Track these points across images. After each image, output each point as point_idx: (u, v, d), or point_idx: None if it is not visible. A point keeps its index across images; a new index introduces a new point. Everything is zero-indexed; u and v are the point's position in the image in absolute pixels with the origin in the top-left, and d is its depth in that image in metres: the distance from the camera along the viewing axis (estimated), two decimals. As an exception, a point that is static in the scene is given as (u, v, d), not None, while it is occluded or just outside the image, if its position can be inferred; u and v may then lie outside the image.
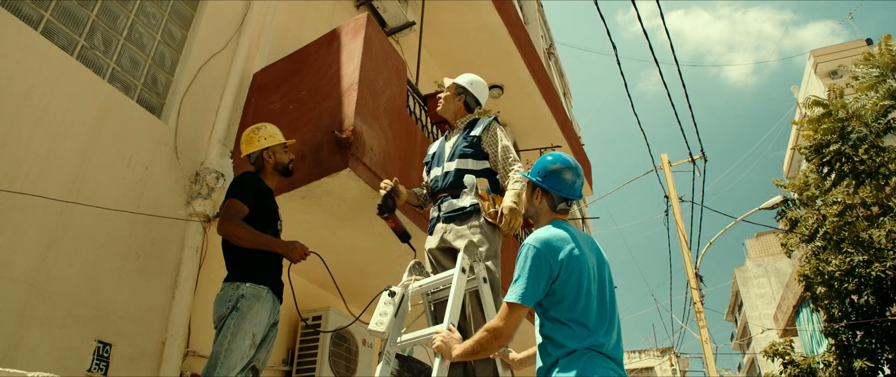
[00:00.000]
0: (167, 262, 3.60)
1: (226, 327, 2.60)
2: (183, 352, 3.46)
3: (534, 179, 2.19)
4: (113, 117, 3.45)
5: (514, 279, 1.98)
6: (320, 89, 3.75)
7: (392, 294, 2.47)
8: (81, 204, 3.13)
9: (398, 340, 2.40)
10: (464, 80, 3.29)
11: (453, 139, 3.18)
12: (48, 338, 2.86)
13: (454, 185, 2.98)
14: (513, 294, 1.93)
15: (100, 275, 3.16)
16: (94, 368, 2.97)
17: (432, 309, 2.73)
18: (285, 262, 2.85)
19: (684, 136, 14.87)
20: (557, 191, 2.16)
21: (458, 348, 2.03)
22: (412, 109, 4.43)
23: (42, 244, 2.94)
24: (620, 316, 2.12)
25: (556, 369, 1.87)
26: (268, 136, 3.06)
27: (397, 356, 2.45)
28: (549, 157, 2.23)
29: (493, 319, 1.97)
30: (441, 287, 2.60)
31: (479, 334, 1.97)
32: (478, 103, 3.30)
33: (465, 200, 2.87)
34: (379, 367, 2.34)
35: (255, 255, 2.76)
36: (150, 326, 3.39)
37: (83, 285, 3.06)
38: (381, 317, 2.43)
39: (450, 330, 2.15)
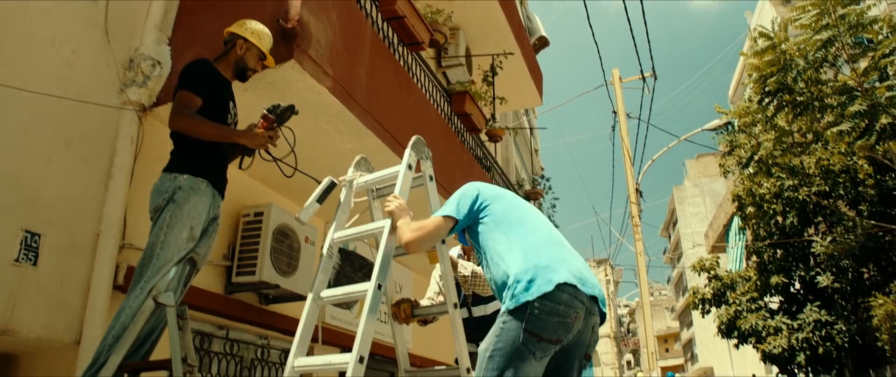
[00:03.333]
0: (100, 152, 3.42)
1: (162, 219, 2.52)
2: (118, 245, 3.36)
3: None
4: (32, -9, 3.15)
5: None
6: (266, -26, 3.51)
7: (332, 185, 2.45)
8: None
9: (341, 235, 2.38)
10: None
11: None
12: (-33, 225, 2.71)
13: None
14: (442, 210, 2.16)
15: (24, 162, 2.99)
16: (22, 258, 2.86)
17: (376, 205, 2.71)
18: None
19: (637, 52, 14.91)
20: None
21: (405, 222, 2.17)
22: (362, 3, 4.23)
23: (-44, 124, 2.73)
24: (562, 228, 2.28)
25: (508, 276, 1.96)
26: (255, 32, 2.93)
27: (340, 250, 2.44)
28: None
29: (426, 222, 2.15)
30: (386, 184, 2.57)
31: (415, 225, 2.14)
32: None
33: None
34: (321, 262, 2.33)
35: (195, 147, 2.65)
36: (83, 217, 3.26)
37: (5, 172, 2.89)
38: (309, 205, 2.46)
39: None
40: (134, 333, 2.38)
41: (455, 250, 3.35)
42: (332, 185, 2.54)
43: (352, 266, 2.61)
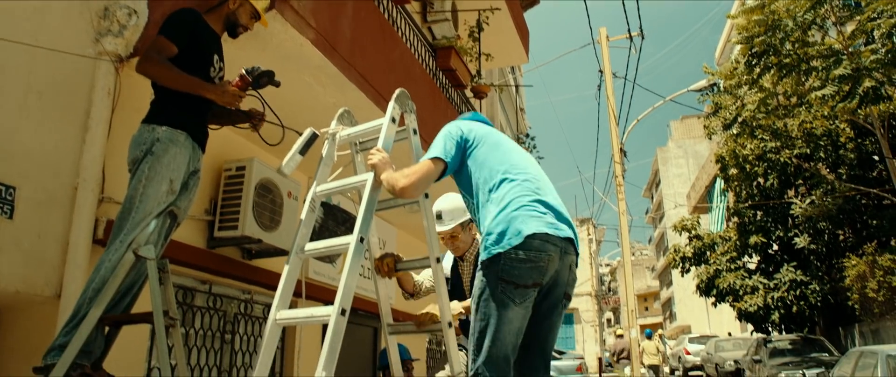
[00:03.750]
0: (75, 103, 3.33)
1: (140, 171, 2.47)
2: (97, 198, 3.30)
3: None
4: (-3, -70, 3.01)
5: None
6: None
7: (314, 136, 2.41)
8: (-34, 29, 2.79)
9: (324, 188, 2.35)
10: (457, 214, 2.97)
11: (468, 272, 3.09)
12: (-62, 175, 2.64)
13: None
14: (429, 152, 2.15)
15: (-6, 111, 2.90)
16: (-3, 210, 2.80)
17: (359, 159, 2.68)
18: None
19: (625, 11, 14.75)
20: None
21: (389, 173, 2.14)
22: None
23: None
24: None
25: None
26: None
27: (323, 204, 2.41)
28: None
29: (415, 167, 2.13)
30: (370, 137, 2.53)
31: (406, 172, 2.12)
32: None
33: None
34: (303, 215, 2.31)
35: (175, 98, 2.58)
36: (59, 170, 3.19)
37: (-25, 120, 2.81)
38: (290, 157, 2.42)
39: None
40: (114, 286, 2.36)
41: (447, 261, 3.23)
42: (313, 137, 2.50)
43: (334, 220, 2.60)
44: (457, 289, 3.11)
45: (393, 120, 2.36)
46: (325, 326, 1.90)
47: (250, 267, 4.23)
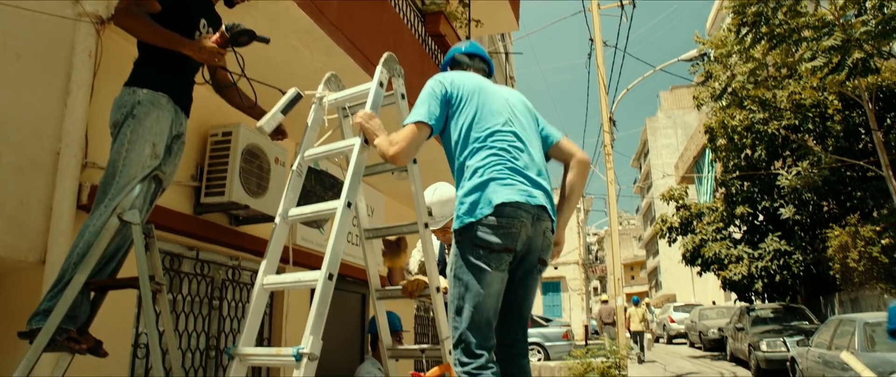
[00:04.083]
0: (55, 66, 3.25)
1: (122, 135, 2.42)
2: (80, 163, 3.25)
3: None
4: None
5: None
6: None
7: (298, 96, 2.36)
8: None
9: (311, 153, 2.33)
10: (447, 208, 2.92)
11: None
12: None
13: None
14: (411, 116, 2.12)
15: (-30, 73, 2.82)
16: (-24, 175, 2.75)
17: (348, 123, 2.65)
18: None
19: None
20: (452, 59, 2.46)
21: (380, 139, 2.13)
22: None
23: None
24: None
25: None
26: None
27: (311, 170, 2.39)
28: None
29: (400, 134, 2.11)
30: (357, 101, 2.50)
31: (393, 138, 2.10)
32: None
33: None
34: (291, 180, 2.29)
35: (157, 61, 2.52)
36: (41, 135, 3.13)
37: (-50, 81, 2.74)
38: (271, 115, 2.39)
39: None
40: (99, 251, 2.33)
41: (435, 246, 3.20)
42: (297, 97, 2.45)
43: (322, 185, 2.58)
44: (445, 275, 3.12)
45: (380, 84, 2.32)
46: (313, 292, 1.89)
47: (237, 233, 4.21)
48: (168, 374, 3.11)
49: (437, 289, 2.38)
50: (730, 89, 13.00)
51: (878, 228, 11.27)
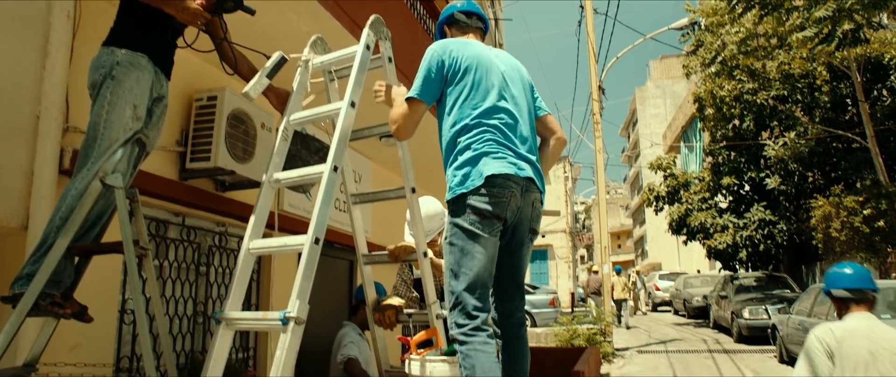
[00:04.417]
0: (32, 27, 3.16)
1: (101, 96, 2.37)
2: (61, 127, 3.19)
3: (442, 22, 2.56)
4: None
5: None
6: None
7: (283, 60, 2.32)
8: None
9: (297, 117, 2.29)
10: (434, 223, 3.09)
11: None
12: None
13: None
14: (411, 88, 2.20)
15: (-57, 32, 2.74)
16: (-47, 141, 2.69)
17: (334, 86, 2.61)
18: None
19: (610, -53, 14.37)
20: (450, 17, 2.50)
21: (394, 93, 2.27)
22: None
23: None
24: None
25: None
26: None
27: (297, 134, 2.36)
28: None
29: (399, 112, 2.22)
30: (343, 65, 2.45)
31: (394, 116, 2.22)
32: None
33: None
34: (277, 144, 2.25)
35: (136, 20, 2.45)
36: (19, 98, 3.05)
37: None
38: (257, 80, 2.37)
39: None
40: (81, 215, 2.30)
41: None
42: (282, 61, 2.41)
43: (308, 149, 2.54)
44: None
45: (367, 47, 2.28)
46: (300, 257, 1.88)
47: (224, 199, 4.18)
48: (155, 340, 3.12)
49: (425, 254, 2.38)
50: (720, 58, 12.97)
51: (860, 199, 11.41)
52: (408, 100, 2.22)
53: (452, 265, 2.10)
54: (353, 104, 2.11)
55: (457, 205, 2.12)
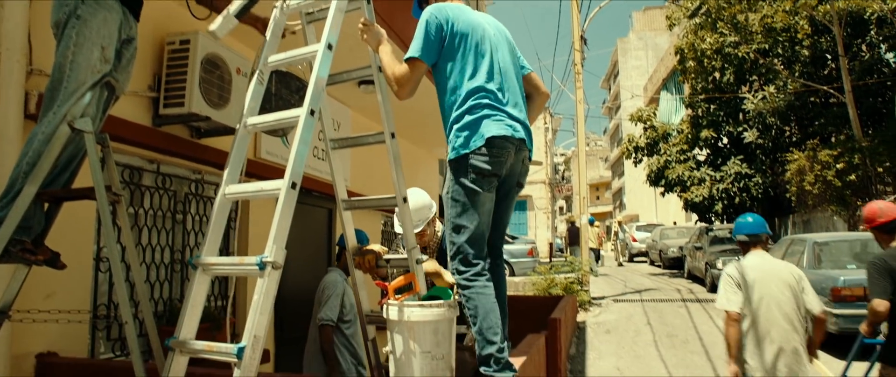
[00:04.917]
0: (-10, -39, 3.00)
1: (66, 36, 2.26)
2: (25, 70, 3.06)
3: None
4: None
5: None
6: None
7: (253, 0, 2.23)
8: None
9: (273, 60, 2.22)
10: (423, 215, 3.14)
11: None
12: None
13: None
14: (410, 50, 2.33)
15: None
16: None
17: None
18: None
19: None
20: None
21: (389, 70, 2.34)
22: None
23: None
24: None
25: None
26: None
27: (276, 73, 2.29)
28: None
29: (401, 73, 2.33)
30: (320, 6, 2.37)
31: (395, 76, 2.33)
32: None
33: None
34: (252, 87, 2.18)
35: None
36: (-22, 39, 2.92)
37: None
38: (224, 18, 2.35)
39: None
40: (50, 160, 2.23)
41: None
42: (252, 0, 2.32)
43: (288, 88, 2.48)
44: None
45: (345, -13, 2.19)
46: (277, 203, 1.84)
47: (199, 146, 4.09)
48: (132, 288, 3.09)
49: (404, 200, 2.37)
50: (703, 8, 12.86)
51: (834, 153, 11.59)
52: (408, 60, 2.33)
53: (454, 218, 2.32)
54: (329, 46, 2.04)
55: (459, 165, 2.31)
